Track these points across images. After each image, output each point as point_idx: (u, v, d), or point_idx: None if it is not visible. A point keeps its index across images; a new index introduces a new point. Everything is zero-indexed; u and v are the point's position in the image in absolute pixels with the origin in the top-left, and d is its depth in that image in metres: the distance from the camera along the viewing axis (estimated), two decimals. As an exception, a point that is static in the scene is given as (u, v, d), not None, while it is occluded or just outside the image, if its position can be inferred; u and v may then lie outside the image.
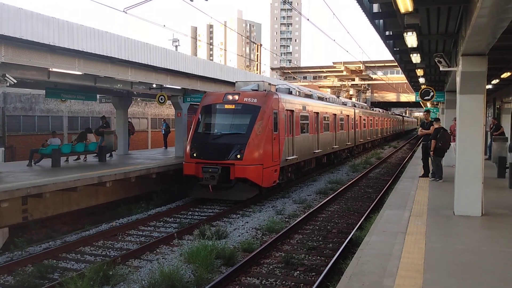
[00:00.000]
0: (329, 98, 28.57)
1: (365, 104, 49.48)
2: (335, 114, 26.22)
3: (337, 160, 27.97)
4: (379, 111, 49.19)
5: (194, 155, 15.62)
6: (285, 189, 18.51)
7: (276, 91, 18.38)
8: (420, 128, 16.53)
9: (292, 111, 18.22)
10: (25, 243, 10.78)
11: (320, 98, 25.55)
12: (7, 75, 12.93)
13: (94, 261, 9.66)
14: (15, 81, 13.37)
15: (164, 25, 17.80)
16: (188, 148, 16.00)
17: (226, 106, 16.18)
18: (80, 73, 15.04)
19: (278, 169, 16.38)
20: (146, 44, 16.59)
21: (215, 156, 15.20)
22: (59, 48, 13.21)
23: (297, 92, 21.30)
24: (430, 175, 15.46)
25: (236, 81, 18.75)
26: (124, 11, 13.18)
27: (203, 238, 10.73)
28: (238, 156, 14.93)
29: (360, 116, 35.29)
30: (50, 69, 14.43)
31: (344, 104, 32.20)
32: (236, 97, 16.17)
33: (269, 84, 18.01)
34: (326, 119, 24.20)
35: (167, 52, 18.13)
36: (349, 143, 30.25)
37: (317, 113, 22.21)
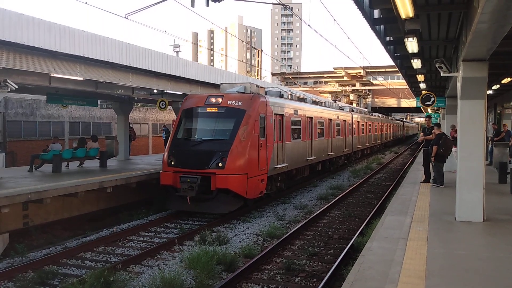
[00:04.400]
0: (324, 103, 27.46)
1: (364, 109, 48.83)
2: (330, 119, 25.03)
3: (334, 168, 26.97)
4: (379, 116, 48.49)
5: (172, 163, 14.40)
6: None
7: (266, 94, 17.42)
8: (422, 134, 16.53)
9: (282, 115, 16.94)
10: (26, 249, 10.76)
11: (315, 102, 24.51)
12: (8, 80, 12.96)
13: (95, 267, 9.63)
14: (16, 87, 13.39)
15: (165, 31, 17.86)
16: (165, 155, 14.80)
17: (208, 110, 14.91)
18: (81, 78, 15.07)
19: (265, 178, 15.09)
20: (147, 49, 16.64)
21: (195, 165, 13.96)
22: (60, 53, 13.25)
23: (289, 95, 20.00)
24: (431, 180, 15.43)
25: (221, 83, 17.42)
26: (125, 17, 13.22)
27: (204, 243, 10.70)
28: (220, 164, 13.65)
29: (358, 121, 34.24)
30: (51, 75, 14.46)
31: (342, 108, 31.25)
32: (220, 99, 14.87)
33: (257, 86, 16.83)
34: (321, 124, 22.95)
35: (168, 58, 18.17)
36: (346, 150, 29.16)
37: (311, 118, 20.95)
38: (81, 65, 14.55)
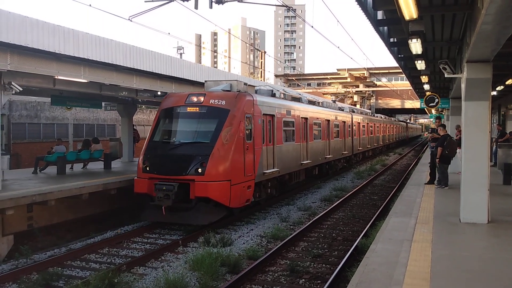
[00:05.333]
0: (322, 103, 25.96)
1: (366, 110, 47.80)
2: (328, 120, 23.71)
3: (332, 171, 25.61)
4: (381, 117, 47.45)
5: (147, 168, 13.13)
6: (289, 196, 18.43)
7: (256, 92, 16.07)
8: (431, 134, 16.53)
9: (272, 115, 15.67)
10: (30, 251, 10.78)
11: (311, 102, 22.88)
12: (12, 82, 13.02)
13: (99, 269, 9.65)
14: (21, 89, 13.45)
15: (169, 33, 17.91)
16: (140, 160, 13.53)
17: (189, 109, 13.65)
18: (85, 81, 15.12)
19: (252, 185, 13.79)
20: (151, 52, 16.68)
21: (172, 171, 12.69)
22: (64, 56, 13.30)
23: (282, 94, 18.61)
24: (435, 182, 15.41)
25: (206, 80, 15.98)
26: (129, 19, 13.26)
27: (208, 245, 10.71)
28: (200, 170, 12.38)
29: (359, 123, 32.99)
30: (56, 77, 14.51)
31: (341, 109, 30.13)
32: (201, 98, 13.61)
33: (246, 84, 15.34)
34: (318, 125, 21.70)
35: (172, 60, 18.21)
36: (345, 152, 27.89)
37: (306, 118, 19.70)
38: (85, 67, 14.60)
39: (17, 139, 28.42)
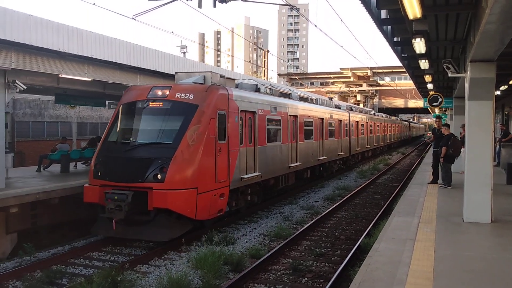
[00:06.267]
0: (317, 100, 23.88)
1: (366, 108, 46.15)
2: (322, 119, 21.88)
3: (327, 174, 23.85)
4: (382, 116, 45.90)
5: (99, 174, 11.32)
6: (292, 195, 18.44)
7: (237, 87, 14.59)
8: (432, 135, 16.50)
9: (253, 113, 13.95)
10: (34, 249, 10.83)
11: (303, 99, 20.91)
12: (17, 81, 13.08)
13: (103, 267, 9.68)
14: (25, 87, 13.50)
15: (173, 32, 17.93)
16: (92, 163, 11.81)
17: (151, 105, 11.90)
18: (89, 79, 15.17)
19: (226, 192, 12.08)
20: (155, 50, 16.73)
21: (126, 177, 10.89)
22: (68, 54, 13.35)
23: (268, 89, 16.70)
24: (439, 181, 15.39)
25: (176, 72, 14.15)
26: (133, 18, 13.29)
27: (211, 244, 10.73)
28: (159, 176, 10.61)
29: (357, 121, 31.15)
30: (60, 75, 14.57)
31: (338, 107, 28.26)
32: (166, 92, 11.91)
33: (223, 76, 13.73)
34: (309, 124, 19.87)
35: (175, 59, 18.25)
36: (341, 153, 25.98)
37: (295, 116, 17.92)
38: (89, 66, 14.65)
39: (21, 137, 28.51)
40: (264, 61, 51.36)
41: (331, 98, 30.93)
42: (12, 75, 13.00)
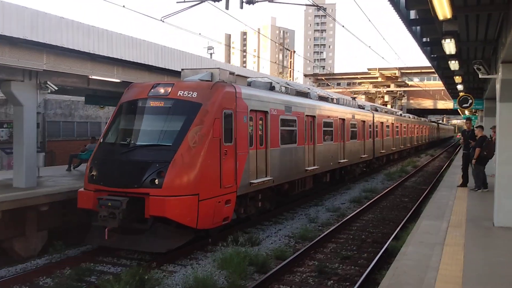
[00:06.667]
0: (338, 99, 22.61)
1: (392, 109, 44.06)
2: (343, 119, 20.75)
3: (348, 178, 22.88)
4: (409, 117, 44.32)
5: (94, 178, 10.57)
6: (318, 197, 18.33)
7: (249, 85, 13.58)
8: (462, 137, 16.18)
9: (265, 112, 13.06)
10: (64, 246, 11.08)
11: (322, 98, 19.77)
12: (48, 82, 13.40)
13: (130, 265, 9.84)
14: (56, 88, 13.84)
15: (200, 33, 18.06)
16: (87, 166, 11.07)
17: (152, 104, 11.06)
18: (118, 80, 15.43)
19: (232, 198, 11.19)
20: (182, 52, 16.90)
21: (121, 181, 10.07)
22: (98, 56, 13.61)
23: (283, 88, 15.63)
24: (469, 184, 15.10)
25: (182, 69, 13.33)
26: (161, 20, 13.45)
27: (236, 244, 10.77)
28: (156, 181, 9.77)
29: (382, 122, 29.79)
30: (90, 77, 14.86)
31: (361, 107, 27.12)
32: (169, 89, 11.04)
33: (233, 74, 12.75)
34: (329, 125, 18.81)
35: (202, 60, 18.39)
36: (364, 156, 24.68)
37: (313, 117, 16.88)
38: (118, 68, 14.91)
39: (52, 137, 29.18)
40: (290, 61, 51.28)
41: (354, 98, 29.15)
42: (44, 76, 13.33)
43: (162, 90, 11.11)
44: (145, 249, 10.05)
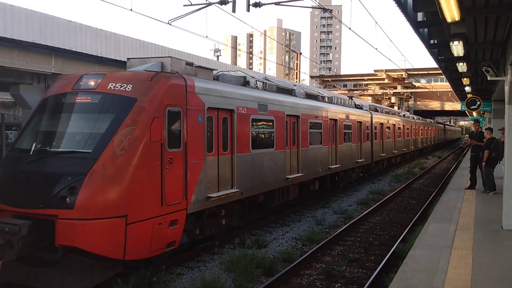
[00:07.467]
0: (331, 98, 20.22)
1: (394, 109, 41.68)
2: (335, 120, 18.58)
3: (342, 184, 20.54)
4: (413, 118, 41.62)
5: None
6: (325, 199, 18.30)
7: (217, 79, 11.62)
8: (470, 139, 16.12)
9: (230, 111, 10.95)
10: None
11: (311, 96, 17.36)
12: (57, 85, 13.50)
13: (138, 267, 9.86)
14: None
15: (207, 36, 18.09)
16: None
17: (77, 99, 8.80)
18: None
19: (181, 218, 8.94)
20: (189, 54, 16.96)
21: (26, 199, 7.78)
22: (106, 59, 13.72)
23: (260, 83, 13.49)
24: (477, 187, 15.04)
25: (128, 58, 10.71)
26: (168, 23, 13.50)
27: (243, 246, 10.77)
28: (67, 199, 7.49)
29: (382, 124, 27.56)
30: (97, 79, 14.93)
31: (359, 107, 24.86)
32: (99, 81, 8.80)
33: (191, 64, 10.38)
34: (316, 126, 16.63)
35: (208, 61, 18.45)
36: (361, 160, 22.43)
37: (297, 116, 14.73)
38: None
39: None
40: (297, 63, 51.28)
41: (351, 97, 27.02)
42: (52, 79, 13.43)
43: (91, 83, 8.84)
44: None
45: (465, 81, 16.42)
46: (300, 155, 14.93)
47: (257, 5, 13.14)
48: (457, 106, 50.45)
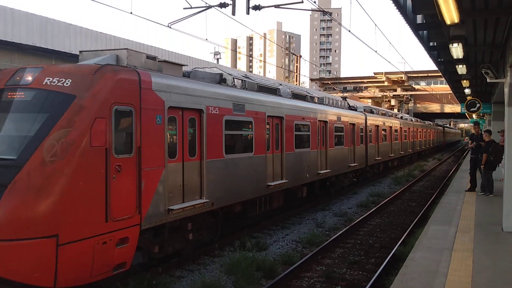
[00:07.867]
0: (321, 99, 19.31)
1: (390, 111, 39.90)
2: (325, 122, 17.43)
3: (335, 190, 19.47)
4: (411, 120, 40.79)
5: None
6: (324, 202, 18.29)
7: (187, 76, 10.82)
8: (470, 141, 16.15)
9: (198, 111, 9.70)
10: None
11: (298, 96, 16.21)
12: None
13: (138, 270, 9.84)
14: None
15: (207, 39, 18.10)
16: None
17: (9, 95, 7.64)
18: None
19: (132, 235, 7.74)
20: (189, 57, 17.00)
21: None
22: (106, 62, 13.72)
23: (238, 81, 12.41)
24: (479, 189, 15.04)
25: (80, 51, 9.56)
26: (168, 26, 13.53)
27: (243, 249, 10.76)
28: None
29: (377, 126, 26.40)
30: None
31: (352, 108, 24.07)
32: (35, 75, 7.64)
33: (154, 58, 9.36)
34: (303, 128, 15.40)
35: (208, 64, 18.47)
36: (354, 164, 21.29)
37: (280, 118, 13.60)
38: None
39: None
40: (296, 66, 51.33)
41: (344, 98, 25.98)
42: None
43: (28, 78, 7.66)
44: None
45: (465, 83, 16.44)
46: (284, 160, 13.81)
47: (257, 8, 13.17)
48: (457, 108, 50.47)
